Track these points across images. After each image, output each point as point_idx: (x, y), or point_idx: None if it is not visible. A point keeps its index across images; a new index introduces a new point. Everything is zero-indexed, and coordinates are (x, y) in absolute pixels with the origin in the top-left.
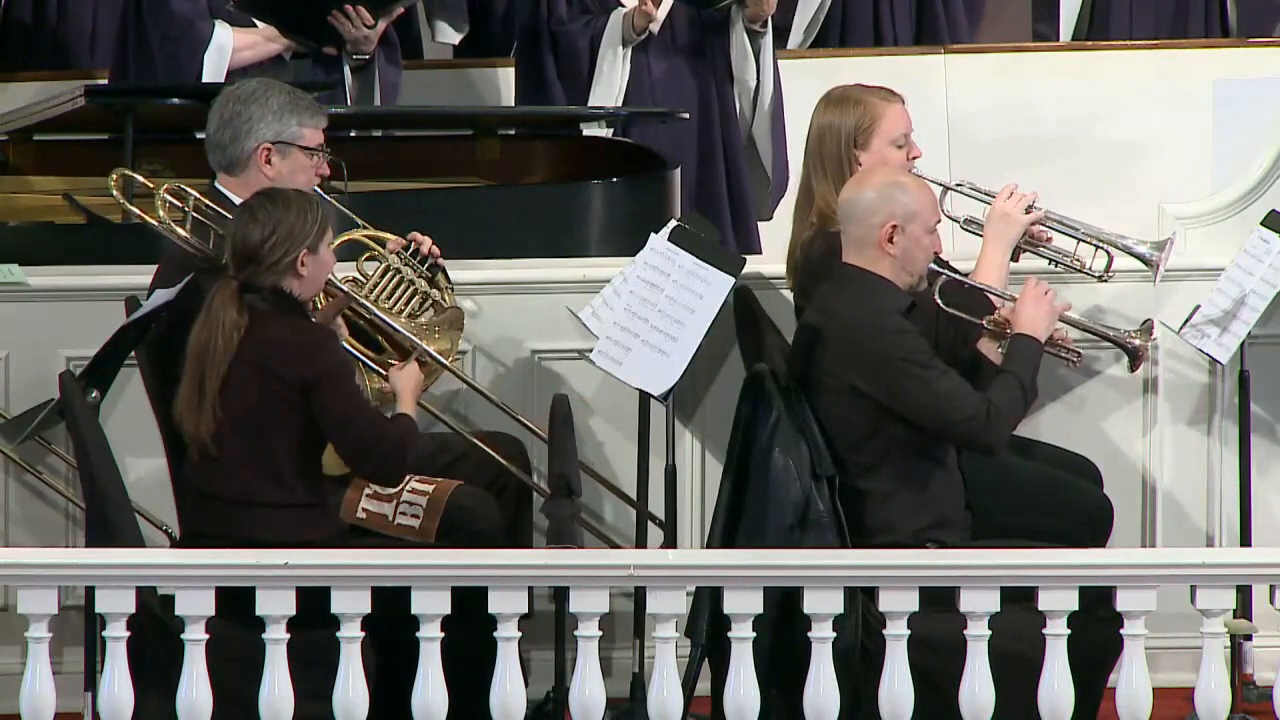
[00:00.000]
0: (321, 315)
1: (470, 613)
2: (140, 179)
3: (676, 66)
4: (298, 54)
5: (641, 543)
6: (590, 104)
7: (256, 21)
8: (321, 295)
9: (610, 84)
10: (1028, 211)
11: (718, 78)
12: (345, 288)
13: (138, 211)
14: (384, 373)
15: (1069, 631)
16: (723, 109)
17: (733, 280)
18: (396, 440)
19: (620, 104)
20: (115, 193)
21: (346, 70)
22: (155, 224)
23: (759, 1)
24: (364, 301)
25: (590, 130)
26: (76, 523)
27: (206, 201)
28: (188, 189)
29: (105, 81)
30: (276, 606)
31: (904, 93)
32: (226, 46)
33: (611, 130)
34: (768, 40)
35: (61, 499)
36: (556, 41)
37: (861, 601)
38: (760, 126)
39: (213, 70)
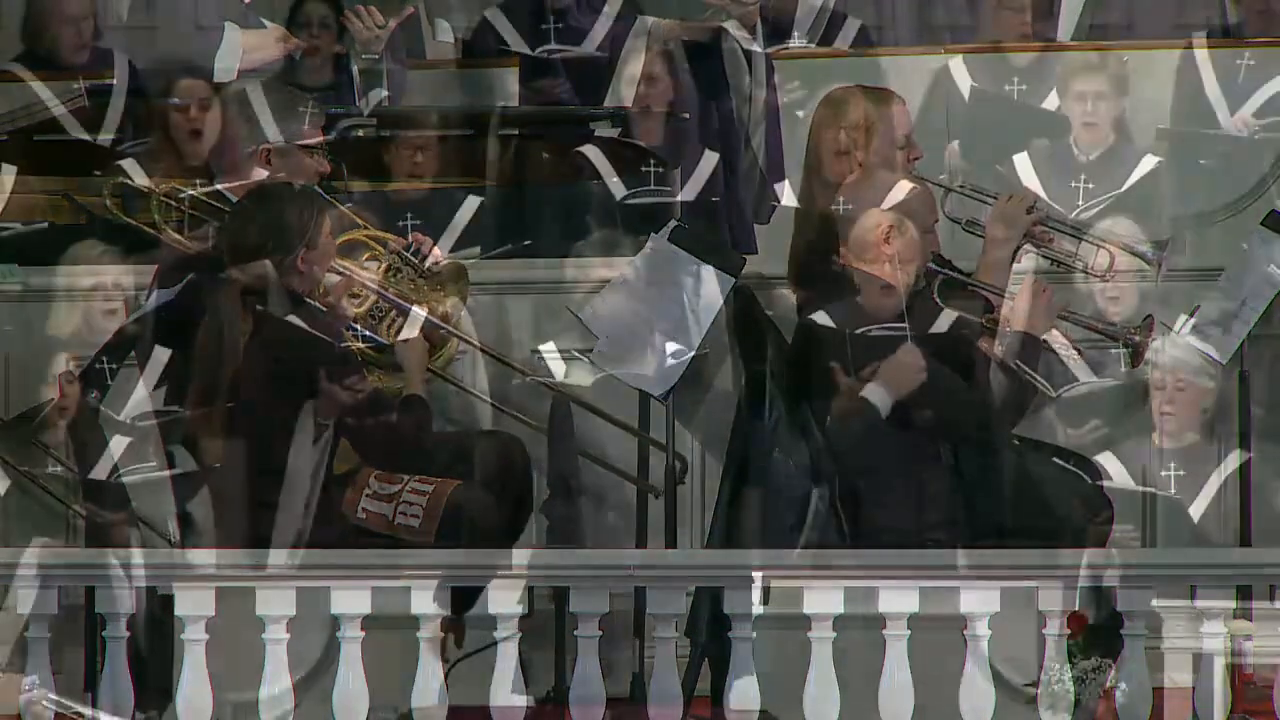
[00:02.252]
0: (328, 297)
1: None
2: (133, 184)
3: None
4: (307, 53)
5: (644, 512)
6: (607, 102)
7: (265, 23)
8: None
9: (631, 83)
10: (1029, 212)
11: (718, 86)
12: (348, 267)
13: (133, 222)
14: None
15: (1067, 630)
16: (722, 115)
17: (733, 280)
18: (411, 426)
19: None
20: (109, 203)
21: (355, 69)
22: (151, 231)
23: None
24: (369, 279)
25: (599, 130)
26: (76, 523)
27: (205, 200)
28: (182, 189)
29: (109, 82)
30: (277, 606)
31: (904, 93)
32: (237, 48)
33: (619, 131)
34: (761, 51)
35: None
36: (567, 36)
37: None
38: (755, 134)
39: (223, 72)
